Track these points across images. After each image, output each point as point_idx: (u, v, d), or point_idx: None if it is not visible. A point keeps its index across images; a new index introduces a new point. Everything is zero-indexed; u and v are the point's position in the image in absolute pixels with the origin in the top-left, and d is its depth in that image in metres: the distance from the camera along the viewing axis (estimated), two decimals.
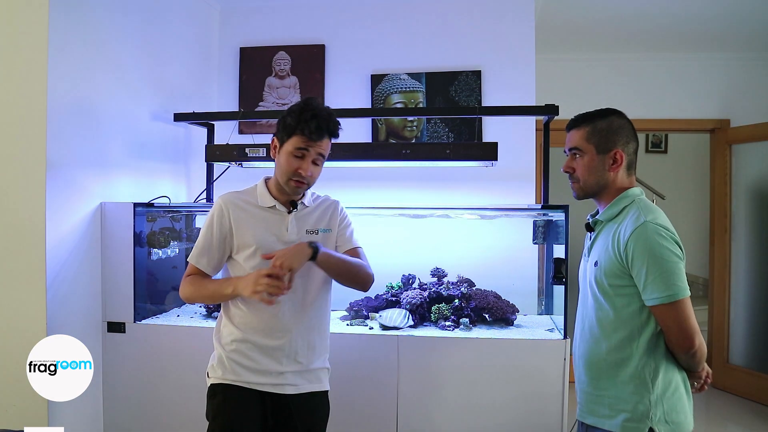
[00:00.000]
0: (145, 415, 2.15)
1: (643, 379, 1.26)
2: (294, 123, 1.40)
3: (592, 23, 3.20)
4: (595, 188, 1.37)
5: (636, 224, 1.24)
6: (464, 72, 2.80)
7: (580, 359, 1.40)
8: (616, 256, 1.27)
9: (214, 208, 1.48)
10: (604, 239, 1.33)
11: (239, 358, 1.44)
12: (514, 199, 2.66)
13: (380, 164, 2.47)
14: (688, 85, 3.67)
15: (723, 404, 3.42)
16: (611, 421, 1.28)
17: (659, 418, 1.24)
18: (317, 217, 1.53)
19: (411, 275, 2.41)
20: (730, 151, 3.65)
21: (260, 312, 1.44)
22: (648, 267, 1.21)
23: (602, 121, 1.36)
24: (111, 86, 2.21)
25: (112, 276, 2.15)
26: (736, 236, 3.63)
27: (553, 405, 1.94)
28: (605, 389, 1.31)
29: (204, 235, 1.47)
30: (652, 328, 1.27)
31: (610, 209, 1.35)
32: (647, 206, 1.30)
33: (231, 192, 1.52)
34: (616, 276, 1.28)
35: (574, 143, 1.38)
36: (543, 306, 2.48)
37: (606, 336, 1.31)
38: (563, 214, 2.05)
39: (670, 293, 1.20)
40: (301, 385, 1.47)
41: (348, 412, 2.04)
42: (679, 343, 1.24)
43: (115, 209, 2.16)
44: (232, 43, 2.99)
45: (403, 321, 2.11)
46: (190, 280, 1.47)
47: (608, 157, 1.35)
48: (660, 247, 1.21)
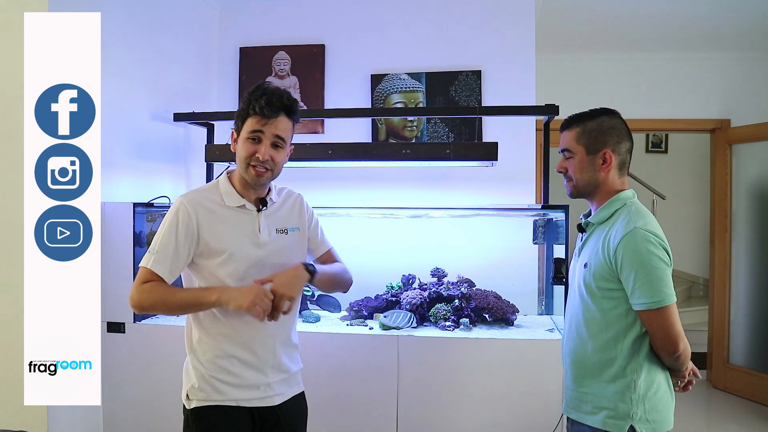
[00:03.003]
0: (145, 415, 2.16)
1: (626, 379, 1.29)
2: (245, 105, 1.30)
3: (592, 23, 3.20)
4: (588, 188, 1.39)
5: (626, 230, 1.27)
6: (464, 72, 2.80)
7: (566, 357, 1.44)
8: (606, 259, 1.29)
9: (176, 210, 1.32)
10: (594, 242, 1.36)
11: (224, 376, 1.32)
12: (514, 199, 2.66)
13: (380, 164, 2.47)
14: (688, 85, 3.67)
15: (723, 404, 3.42)
16: (593, 417, 1.32)
17: (640, 416, 1.28)
18: (285, 214, 1.43)
19: (411, 275, 2.41)
20: (730, 150, 3.65)
21: (243, 324, 1.32)
22: (636, 273, 1.24)
23: (592, 122, 1.38)
24: (111, 86, 2.21)
25: (112, 276, 2.15)
26: (737, 236, 3.63)
27: (552, 405, 1.94)
28: (589, 387, 1.34)
29: (164, 238, 1.30)
30: (637, 330, 1.30)
31: (601, 212, 1.37)
32: (638, 211, 1.32)
33: (193, 191, 1.38)
34: (604, 279, 1.30)
35: (565, 144, 1.42)
36: (543, 306, 2.49)
37: (592, 336, 1.34)
38: (563, 214, 2.05)
39: (657, 299, 1.23)
40: (285, 392, 1.41)
41: (348, 412, 2.05)
42: (664, 347, 1.28)
43: (114, 209, 2.16)
44: (231, 43, 2.99)
45: (406, 322, 2.11)
46: (149, 287, 1.27)
47: (598, 158, 1.36)
48: (649, 254, 1.24)
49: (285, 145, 1.34)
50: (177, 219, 1.31)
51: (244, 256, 1.32)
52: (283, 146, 1.34)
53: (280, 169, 1.36)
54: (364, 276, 1.70)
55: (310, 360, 2.07)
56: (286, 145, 1.35)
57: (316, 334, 2.12)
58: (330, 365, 2.08)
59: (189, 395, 1.35)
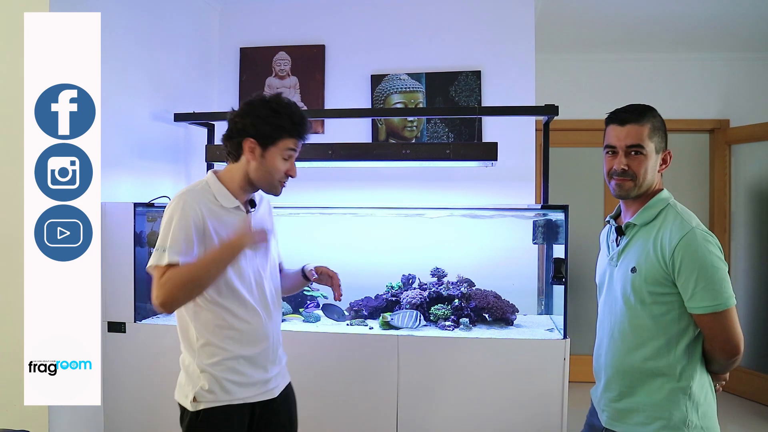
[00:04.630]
0: (146, 415, 2.16)
1: (681, 386, 1.23)
2: (282, 124, 1.35)
3: (592, 23, 3.20)
4: (646, 189, 1.31)
5: (683, 231, 1.21)
6: (464, 72, 2.81)
7: (609, 368, 1.33)
8: (660, 263, 1.22)
9: (182, 206, 1.31)
10: (642, 244, 1.27)
11: (232, 376, 1.36)
12: (513, 199, 2.66)
13: (380, 164, 2.48)
14: (687, 86, 3.67)
15: (722, 404, 3.38)
16: (646, 428, 1.25)
17: (695, 423, 1.23)
18: (263, 214, 1.51)
19: (411, 275, 2.41)
20: (729, 151, 3.66)
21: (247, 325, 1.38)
22: (698, 275, 1.18)
23: (656, 119, 1.29)
24: (111, 86, 2.21)
25: (113, 276, 2.15)
26: (736, 236, 3.64)
27: (552, 404, 1.95)
28: (640, 397, 1.27)
29: (174, 233, 1.29)
30: (690, 335, 1.24)
31: (645, 212, 1.30)
32: (685, 210, 1.28)
33: (190, 191, 1.36)
34: (658, 283, 1.23)
35: (635, 140, 1.27)
36: (543, 306, 2.49)
37: (641, 344, 1.26)
38: (563, 214, 2.06)
39: (719, 302, 1.18)
40: (281, 384, 1.47)
41: (348, 412, 2.05)
42: (725, 349, 1.22)
43: (115, 209, 2.16)
44: (232, 43, 2.99)
45: (413, 322, 2.11)
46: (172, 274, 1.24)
47: (660, 158, 1.31)
48: (710, 255, 1.19)
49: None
50: (185, 214, 1.31)
51: (243, 254, 1.36)
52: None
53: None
54: (364, 276, 1.71)
55: (311, 360, 2.08)
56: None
57: (316, 334, 2.12)
58: (330, 365, 2.08)
59: (197, 398, 1.35)
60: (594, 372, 1.42)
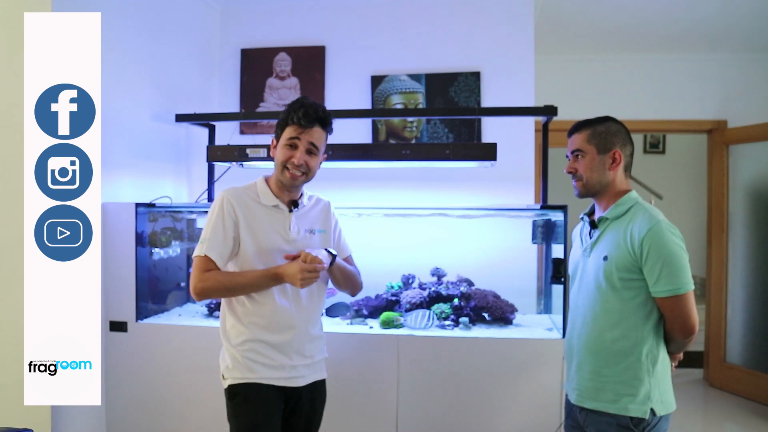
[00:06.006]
0: (148, 414, 2.16)
1: (646, 364, 1.37)
2: (285, 115, 1.48)
3: (591, 24, 3.21)
4: (597, 186, 1.47)
5: (651, 223, 1.35)
6: (464, 73, 2.81)
7: (580, 349, 1.47)
8: (630, 251, 1.36)
9: (220, 203, 1.48)
10: (613, 236, 1.42)
11: (255, 356, 1.47)
12: (513, 199, 2.67)
13: (380, 164, 2.48)
14: (685, 86, 3.69)
15: (721, 403, 3.43)
16: (615, 405, 1.37)
17: (657, 398, 1.36)
18: (314, 217, 1.60)
19: (411, 275, 2.42)
20: (727, 151, 3.67)
21: (264, 309, 1.48)
22: (663, 262, 1.32)
23: (600, 126, 1.48)
24: (112, 86, 2.21)
25: (114, 275, 2.16)
26: (734, 236, 3.65)
27: (551, 403, 1.95)
28: (609, 376, 1.40)
29: (214, 228, 1.46)
30: (654, 318, 1.38)
31: (616, 208, 1.44)
32: (652, 207, 1.42)
33: (232, 188, 1.53)
34: (627, 270, 1.37)
35: (576, 146, 1.50)
36: (542, 305, 2.50)
37: (611, 326, 1.40)
38: (562, 214, 2.06)
39: (679, 286, 1.32)
40: (308, 376, 1.54)
41: (348, 412, 2.05)
42: (683, 330, 1.36)
43: (116, 209, 2.17)
44: (232, 44, 3.00)
45: (427, 322, 2.11)
46: (210, 275, 1.43)
47: (608, 157, 1.46)
48: (674, 245, 1.33)
49: (318, 152, 1.51)
50: (222, 210, 1.47)
51: (274, 249, 1.49)
52: (316, 153, 1.50)
53: (313, 173, 1.52)
54: (364, 275, 1.72)
55: None
56: (320, 152, 1.52)
57: None
58: (330, 365, 2.08)
59: (224, 375, 1.51)
60: (565, 356, 1.56)
